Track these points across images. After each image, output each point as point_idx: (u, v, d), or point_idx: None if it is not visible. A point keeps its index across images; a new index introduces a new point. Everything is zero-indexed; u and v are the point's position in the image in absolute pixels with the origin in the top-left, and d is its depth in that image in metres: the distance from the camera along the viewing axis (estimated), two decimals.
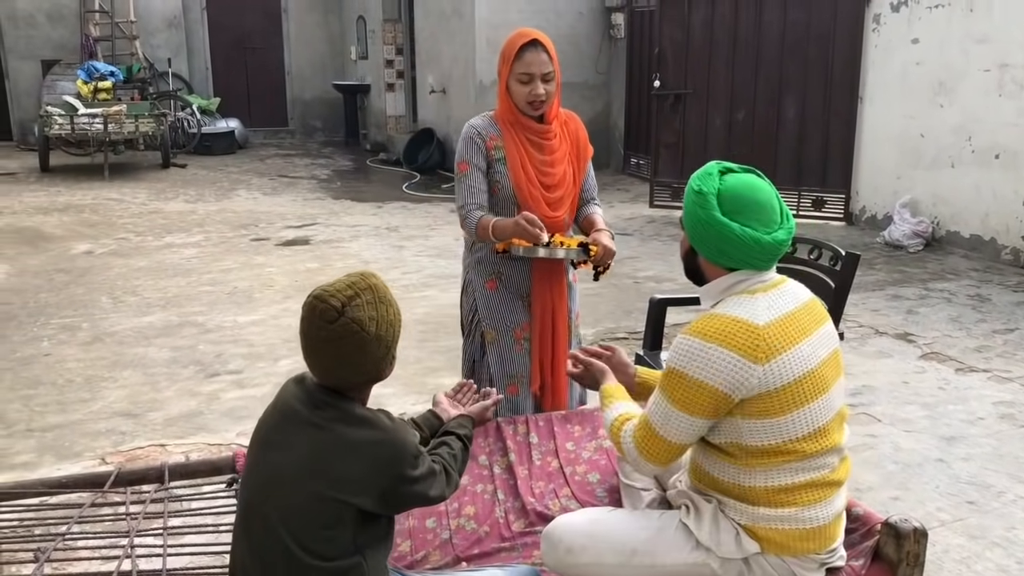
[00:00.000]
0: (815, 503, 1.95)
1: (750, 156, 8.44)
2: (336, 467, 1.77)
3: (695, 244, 2.03)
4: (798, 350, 1.91)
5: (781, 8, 8.43)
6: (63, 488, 2.45)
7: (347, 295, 1.80)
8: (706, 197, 1.96)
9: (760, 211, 1.95)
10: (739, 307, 1.94)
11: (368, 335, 1.79)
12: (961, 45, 7.17)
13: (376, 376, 1.88)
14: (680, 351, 1.93)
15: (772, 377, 1.88)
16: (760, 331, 1.88)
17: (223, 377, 4.68)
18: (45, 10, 14.10)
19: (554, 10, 10.87)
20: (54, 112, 11.48)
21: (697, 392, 1.90)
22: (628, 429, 2.06)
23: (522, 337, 3.05)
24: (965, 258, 7.09)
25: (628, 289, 6.36)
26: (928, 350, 5.06)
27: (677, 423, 1.95)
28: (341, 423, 1.81)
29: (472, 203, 2.92)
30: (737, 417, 1.92)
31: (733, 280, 2.00)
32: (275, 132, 15.73)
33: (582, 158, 3.07)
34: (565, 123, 3.05)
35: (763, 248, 1.94)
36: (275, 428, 1.87)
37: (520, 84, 2.85)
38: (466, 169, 2.94)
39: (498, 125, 2.96)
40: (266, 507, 1.81)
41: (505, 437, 2.75)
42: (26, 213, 9.08)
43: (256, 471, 1.87)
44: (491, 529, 2.43)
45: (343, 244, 7.84)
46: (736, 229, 1.93)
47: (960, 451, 3.82)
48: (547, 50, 2.85)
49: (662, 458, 2.00)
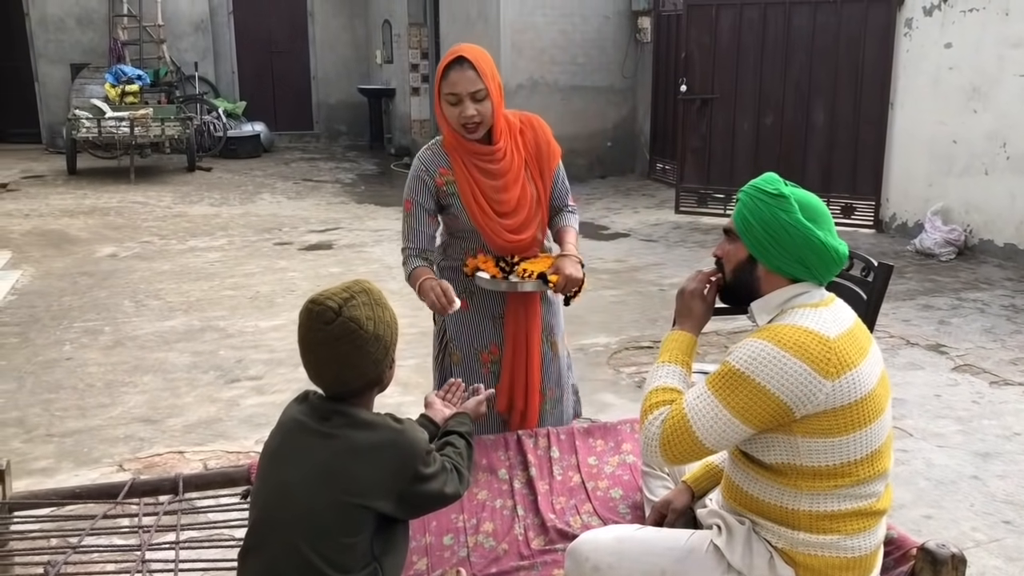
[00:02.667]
0: (859, 532, 1.87)
1: (778, 162, 8.34)
2: (350, 472, 1.77)
3: (760, 252, 1.93)
4: (862, 367, 1.84)
5: (810, 12, 8.31)
6: (77, 499, 2.41)
7: (343, 297, 1.81)
8: (788, 200, 1.89)
9: (828, 221, 1.93)
10: (807, 319, 1.86)
11: (366, 333, 1.79)
12: (996, 50, 7.02)
13: (377, 379, 1.87)
14: (750, 353, 1.83)
15: (839, 394, 1.80)
16: (833, 344, 1.81)
17: (243, 383, 4.65)
18: (75, 14, 14.23)
19: (580, 14, 10.81)
20: (82, 115, 11.56)
21: (759, 399, 1.80)
22: (660, 416, 1.93)
23: (489, 360, 2.93)
24: (999, 267, 6.93)
25: (653, 297, 6.27)
26: (961, 362, 4.94)
27: (723, 428, 1.84)
28: (349, 428, 1.81)
29: (411, 247, 2.81)
30: (797, 435, 1.83)
31: (794, 292, 1.93)
32: (300, 136, 15.77)
33: (545, 166, 2.86)
34: (521, 132, 2.83)
35: (838, 258, 1.91)
36: (283, 444, 1.86)
37: (450, 105, 2.65)
38: (409, 208, 2.81)
39: (447, 154, 2.79)
40: (282, 522, 1.79)
41: (526, 451, 2.69)
42: (52, 216, 9.13)
43: (268, 488, 1.85)
44: (510, 547, 2.37)
45: (366, 249, 7.81)
46: (820, 235, 1.88)
47: (996, 468, 3.70)
48: (475, 67, 2.62)
49: (682, 457, 1.91)
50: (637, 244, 7.92)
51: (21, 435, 4.02)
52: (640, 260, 7.29)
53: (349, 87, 15.63)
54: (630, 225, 8.67)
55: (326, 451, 1.79)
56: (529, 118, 2.89)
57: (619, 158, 11.26)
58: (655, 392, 1.99)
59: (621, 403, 4.37)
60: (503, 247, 2.81)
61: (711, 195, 9.04)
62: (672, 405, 1.95)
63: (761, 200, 1.92)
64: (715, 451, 1.90)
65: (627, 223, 8.84)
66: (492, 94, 2.66)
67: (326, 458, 1.78)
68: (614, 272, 6.95)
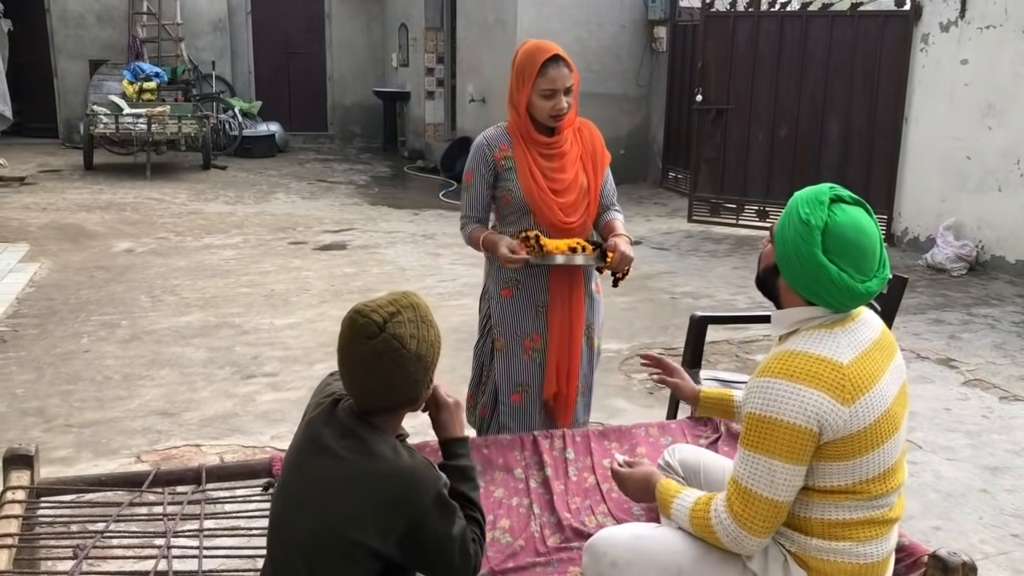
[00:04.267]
0: (871, 539, 1.90)
1: (792, 174, 8.38)
2: (349, 501, 1.72)
3: (783, 267, 1.93)
4: (877, 389, 1.85)
5: (827, 25, 8.35)
6: (102, 486, 2.46)
7: (389, 311, 1.75)
8: (812, 231, 1.84)
9: (861, 257, 1.85)
10: (820, 344, 1.86)
11: (408, 353, 1.73)
12: (1012, 67, 7.05)
13: (413, 399, 1.82)
14: (766, 396, 1.82)
15: (856, 419, 1.81)
16: (845, 370, 1.81)
17: (259, 379, 4.70)
18: (95, 11, 14.34)
19: (596, 22, 10.86)
20: (99, 111, 11.65)
21: (793, 436, 1.79)
22: (718, 508, 1.90)
23: (532, 348, 3.04)
24: (1010, 284, 6.95)
25: (665, 304, 6.31)
26: (971, 376, 4.96)
27: (784, 477, 1.81)
28: (359, 455, 1.75)
29: (471, 215, 3.03)
30: (813, 460, 1.85)
31: (812, 314, 1.92)
32: (314, 136, 15.85)
33: (599, 165, 3.06)
34: (579, 130, 3.05)
35: (853, 296, 1.86)
36: (302, 452, 1.83)
37: (543, 99, 2.86)
38: (471, 179, 3.01)
39: (510, 135, 2.99)
40: (286, 531, 1.79)
41: (542, 451, 2.73)
42: (69, 210, 9.21)
43: (283, 492, 1.85)
44: (526, 543, 2.41)
45: (379, 250, 7.87)
46: (833, 273, 1.84)
47: (1005, 482, 3.73)
48: (567, 63, 2.87)
49: (769, 524, 1.85)
50: (649, 252, 7.96)
51: (41, 424, 4.08)
52: (652, 268, 7.33)
53: (364, 89, 15.71)
54: (642, 233, 8.71)
55: (333, 473, 1.75)
56: (586, 122, 3.10)
57: (632, 166, 11.30)
58: (695, 505, 1.96)
59: (633, 408, 4.41)
60: (554, 225, 2.93)
61: (724, 205, 9.07)
62: (715, 496, 1.94)
63: (792, 219, 1.89)
64: (790, 501, 1.85)
65: (639, 231, 8.87)
66: (575, 86, 2.90)
67: (332, 480, 1.74)
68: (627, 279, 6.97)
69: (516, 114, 2.95)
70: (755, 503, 1.84)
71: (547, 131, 2.96)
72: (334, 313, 5.81)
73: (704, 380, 3.48)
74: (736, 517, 1.87)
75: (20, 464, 2.42)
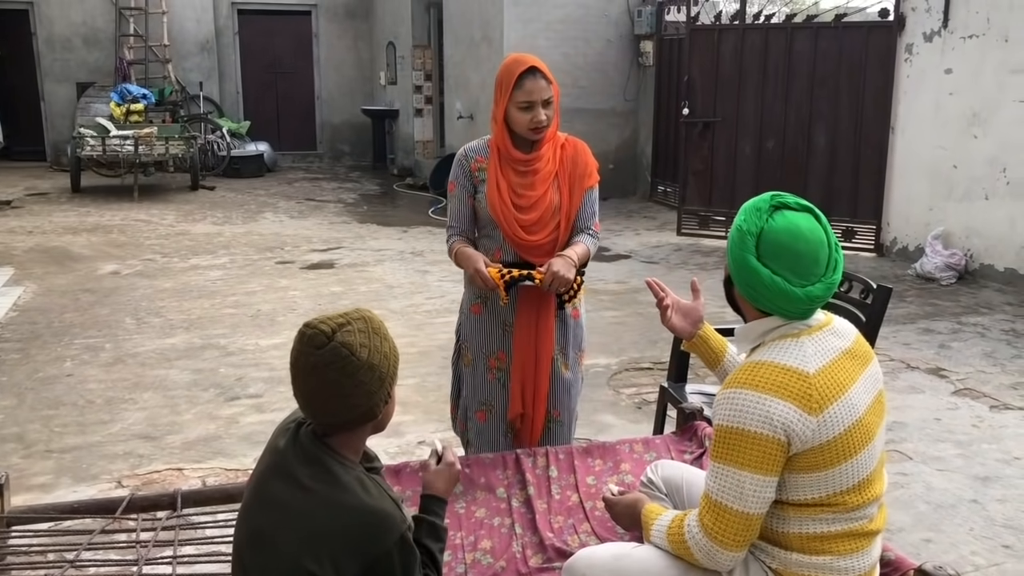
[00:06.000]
0: (852, 553, 1.87)
1: (780, 185, 8.37)
2: (311, 533, 1.68)
3: (733, 277, 1.95)
4: (847, 398, 1.82)
5: (812, 37, 8.38)
6: (75, 514, 2.41)
7: (338, 322, 1.74)
8: (744, 236, 1.87)
9: (797, 261, 1.84)
10: (785, 354, 1.84)
11: (359, 361, 1.70)
12: (996, 76, 7.07)
13: (370, 413, 1.76)
14: (732, 407, 1.81)
15: (824, 429, 1.79)
16: (811, 380, 1.79)
17: (243, 401, 4.65)
18: (82, 34, 14.35)
19: (583, 38, 10.89)
20: (86, 133, 11.63)
21: (761, 446, 1.77)
22: (691, 523, 1.89)
23: (496, 367, 3.01)
24: (999, 292, 6.94)
25: (653, 318, 6.26)
26: (961, 386, 4.93)
27: (753, 488, 1.79)
28: (325, 485, 1.71)
29: (454, 225, 3.03)
30: (785, 473, 1.82)
31: (771, 324, 1.91)
32: (303, 156, 15.85)
33: (576, 184, 2.96)
34: (562, 147, 2.98)
35: (791, 300, 1.85)
36: (264, 480, 1.79)
37: (521, 111, 2.82)
38: (453, 189, 3.02)
39: (488, 149, 2.99)
40: (247, 558, 1.74)
41: (524, 470, 2.69)
42: (55, 233, 9.17)
43: (246, 517, 1.80)
44: (508, 564, 2.37)
45: (368, 268, 7.83)
46: (765, 276, 1.84)
47: (995, 492, 3.69)
48: (545, 76, 2.83)
49: (741, 537, 1.83)
50: (638, 266, 7.94)
51: (20, 451, 4.02)
52: (641, 282, 7.28)
53: (353, 108, 15.72)
54: (631, 247, 8.69)
55: (297, 503, 1.71)
56: (575, 140, 3.05)
57: (621, 180, 11.30)
58: (671, 524, 1.95)
59: (621, 423, 4.37)
60: (517, 243, 2.89)
61: (712, 217, 9.07)
62: (688, 512, 1.93)
63: (734, 227, 1.92)
64: (761, 513, 1.83)
65: (628, 244, 8.86)
66: (555, 100, 2.88)
67: (295, 511, 1.70)
68: (615, 293, 6.96)
69: (496, 127, 2.93)
70: (725, 516, 1.82)
71: (527, 145, 2.92)
72: None
73: (690, 394, 3.44)
74: (707, 531, 1.85)
75: None
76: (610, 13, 10.99)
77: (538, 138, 2.90)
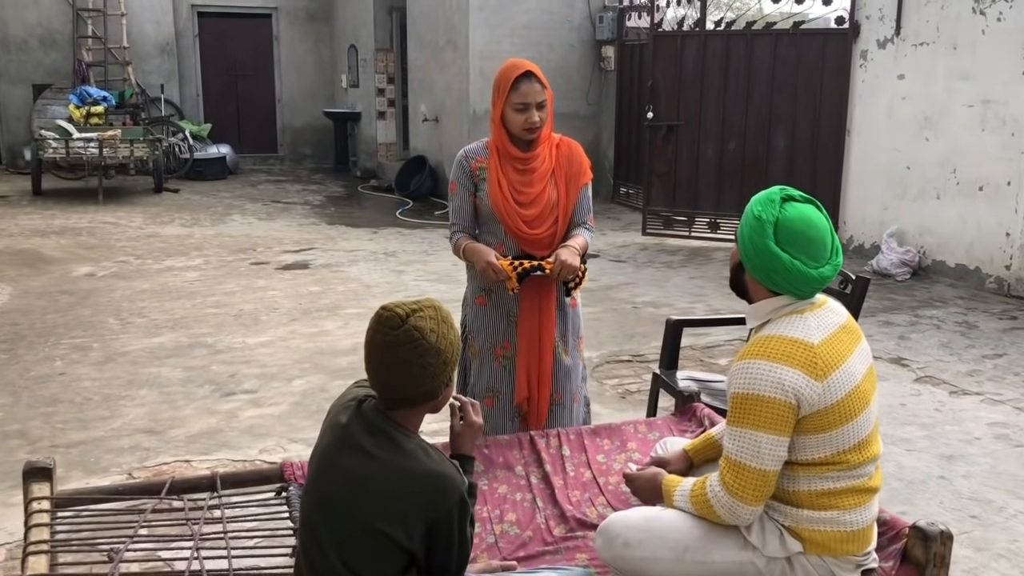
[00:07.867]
0: (855, 507, 2.09)
1: (741, 187, 8.69)
2: (380, 496, 1.84)
3: (746, 263, 2.15)
4: (846, 367, 2.06)
5: (771, 44, 8.70)
6: (121, 495, 2.54)
7: (411, 307, 1.92)
8: (763, 225, 2.08)
9: (811, 246, 2.08)
10: (792, 327, 2.07)
11: (428, 344, 1.87)
12: (945, 81, 7.44)
13: (431, 392, 1.93)
14: (747, 376, 2.03)
15: (829, 393, 2.01)
16: (816, 350, 2.02)
17: (239, 396, 4.76)
18: (38, 35, 14.18)
19: (546, 43, 11.11)
20: (48, 136, 11.52)
21: (774, 410, 1.99)
22: (712, 483, 2.10)
23: (502, 355, 3.22)
24: (951, 287, 7.31)
25: (628, 314, 6.51)
26: (922, 374, 5.24)
27: (769, 447, 2.01)
28: (392, 453, 1.88)
29: (457, 223, 3.22)
30: (794, 435, 2.04)
31: (779, 303, 2.13)
32: (265, 158, 15.82)
33: (572, 181, 3.18)
34: (557, 147, 3.19)
35: (808, 280, 2.08)
36: (330, 450, 1.94)
37: (516, 113, 3.02)
38: (455, 189, 3.22)
39: (488, 150, 3.18)
40: (320, 530, 1.89)
41: (539, 449, 2.88)
42: (23, 235, 9.11)
43: (313, 495, 1.95)
44: (534, 534, 2.55)
45: (342, 268, 7.95)
46: (785, 260, 2.06)
47: (960, 469, 3.98)
48: (540, 80, 3.03)
49: (759, 493, 2.05)
50: (607, 264, 8.17)
51: (25, 446, 4.09)
52: (612, 280, 7.54)
53: (314, 110, 15.75)
54: (599, 246, 8.92)
55: (366, 470, 1.87)
56: (569, 140, 3.26)
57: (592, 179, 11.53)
58: (694, 487, 2.16)
59: (607, 412, 4.58)
60: (519, 237, 3.10)
61: (676, 218, 9.35)
62: (707, 476, 2.15)
63: (748, 218, 2.14)
64: (776, 470, 2.04)
65: (596, 244, 9.09)
66: (550, 103, 3.07)
67: (365, 478, 1.86)
68: (588, 291, 7.15)
69: (494, 128, 3.13)
70: (745, 474, 2.04)
71: (524, 145, 3.12)
72: (305, 331, 5.89)
73: (681, 380, 3.66)
74: (729, 489, 2.06)
75: (40, 477, 2.50)
76: (573, 19, 11.24)
77: (532, 138, 3.10)
